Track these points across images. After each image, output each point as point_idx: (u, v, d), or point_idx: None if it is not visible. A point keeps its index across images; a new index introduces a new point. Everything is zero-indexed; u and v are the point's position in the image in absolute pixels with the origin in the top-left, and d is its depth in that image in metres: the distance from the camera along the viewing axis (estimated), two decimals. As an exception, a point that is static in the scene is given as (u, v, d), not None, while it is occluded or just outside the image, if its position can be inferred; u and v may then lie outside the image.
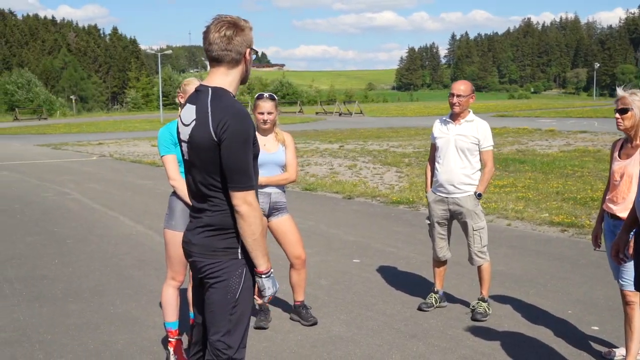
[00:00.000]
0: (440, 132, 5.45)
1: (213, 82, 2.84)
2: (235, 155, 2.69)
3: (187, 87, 4.49)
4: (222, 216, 2.80)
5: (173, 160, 4.44)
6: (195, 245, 2.89)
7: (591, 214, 10.07)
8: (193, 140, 2.80)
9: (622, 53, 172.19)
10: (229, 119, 2.68)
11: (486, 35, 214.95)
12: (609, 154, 17.00)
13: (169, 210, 4.52)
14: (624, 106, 4.11)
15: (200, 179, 2.83)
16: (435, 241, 5.55)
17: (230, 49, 2.79)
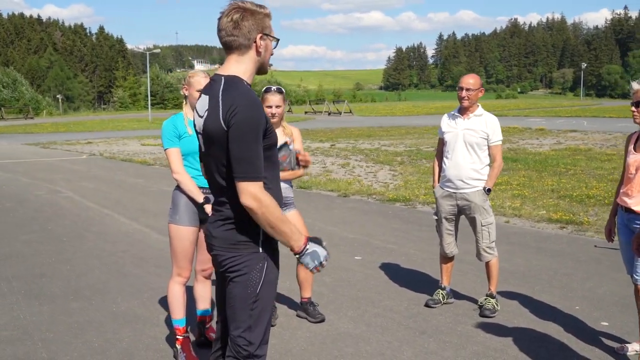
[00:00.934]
0: (448, 127, 5.40)
1: (227, 70, 2.76)
2: (241, 143, 2.59)
3: (192, 79, 4.41)
4: (241, 208, 2.71)
5: (177, 154, 4.36)
6: (215, 239, 2.81)
7: (588, 211, 10.09)
8: (207, 131, 2.72)
9: (607, 53, 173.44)
10: (238, 106, 2.59)
11: (473, 35, 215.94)
12: (600, 153, 17.12)
13: (172, 204, 4.44)
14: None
15: (217, 171, 2.76)
16: (443, 237, 5.50)
17: (237, 34, 2.70)
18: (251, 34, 2.72)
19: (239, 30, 2.70)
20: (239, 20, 2.70)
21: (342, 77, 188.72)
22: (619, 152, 18.83)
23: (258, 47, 2.75)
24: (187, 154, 4.36)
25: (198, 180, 4.36)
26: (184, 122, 4.41)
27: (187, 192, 4.30)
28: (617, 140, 23.43)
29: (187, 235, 4.34)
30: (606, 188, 12.15)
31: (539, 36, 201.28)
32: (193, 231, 4.37)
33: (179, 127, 4.37)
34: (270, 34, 2.79)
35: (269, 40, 2.80)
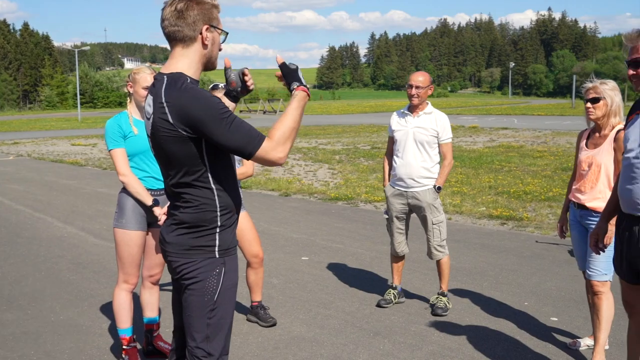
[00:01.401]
0: (398, 125, 5.34)
1: (170, 67, 2.59)
2: (226, 130, 2.42)
3: (137, 75, 4.20)
4: (196, 212, 2.58)
5: (122, 155, 4.14)
6: (169, 244, 2.65)
7: (526, 207, 10.28)
8: (155, 135, 2.56)
9: (533, 53, 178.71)
10: (189, 104, 2.42)
11: (404, 35, 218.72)
12: (532, 150, 17.57)
13: (118, 208, 4.22)
14: (596, 95, 4.11)
15: (169, 175, 2.62)
16: (394, 236, 5.44)
17: (181, 25, 2.53)
18: (196, 25, 2.55)
19: (184, 20, 2.53)
20: (184, 10, 2.52)
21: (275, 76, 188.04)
22: (549, 149, 19.40)
23: (204, 39, 2.57)
24: (134, 154, 4.15)
25: (146, 181, 4.16)
26: (128, 121, 4.19)
27: (134, 194, 4.09)
28: (547, 137, 24.14)
29: (134, 240, 4.13)
30: (541, 184, 12.44)
31: (467, 36, 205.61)
32: (141, 235, 4.16)
33: (124, 127, 4.15)
34: (217, 26, 2.62)
35: (217, 33, 2.63)
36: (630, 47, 3.19)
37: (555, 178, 13.34)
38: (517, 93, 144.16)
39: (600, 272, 4.10)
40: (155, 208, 4.08)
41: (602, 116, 4.13)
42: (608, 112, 4.12)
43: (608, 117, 4.12)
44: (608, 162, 4.10)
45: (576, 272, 6.41)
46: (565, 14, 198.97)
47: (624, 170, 3.32)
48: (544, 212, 9.78)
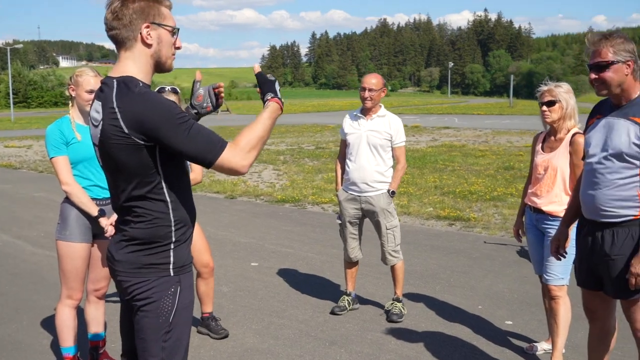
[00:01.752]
0: (351, 128, 5.24)
1: (118, 71, 2.41)
2: (185, 137, 2.25)
3: (79, 78, 3.96)
4: (149, 228, 2.40)
5: (64, 162, 3.90)
6: (119, 262, 2.46)
7: (472, 207, 10.36)
8: (104, 143, 2.37)
9: (470, 53, 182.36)
10: (144, 110, 2.25)
11: (345, 34, 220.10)
12: (474, 149, 17.76)
13: (60, 219, 3.97)
14: (552, 98, 4.09)
15: (119, 187, 2.42)
16: (347, 241, 5.34)
17: (118, 26, 2.36)
18: (134, 24, 2.36)
19: (120, 21, 2.36)
20: (119, 10, 2.35)
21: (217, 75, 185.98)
22: (490, 148, 19.71)
23: (144, 38, 2.38)
24: (77, 161, 3.91)
25: (91, 190, 3.93)
26: (71, 126, 3.95)
27: (78, 205, 3.85)
28: (487, 136, 24.56)
29: (78, 253, 3.89)
30: (485, 184, 12.58)
31: (407, 36, 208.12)
32: (85, 248, 3.93)
33: (66, 133, 3.90)
34: (162, 22, 2.41)
35: (164, 30, 2.42)
36: (593, 50, 3.16)
37: (499, 177, 13.53)
38: (455, 92, 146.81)
39: (558, 277, 4.09)
40: (101, 219, 3.85)
41: (558, 119, 4.11)
42: (563, 114, 4.11)
43: (564, 120, 4.11)
44: (564, 165, 4.09)
45: (526, 274, 6.47)
46: (501, 14, 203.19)
47: (585, 176, 3.30)
48: (490, 212, 9.86)
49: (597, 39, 3.16)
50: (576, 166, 4.02)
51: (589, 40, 3.20)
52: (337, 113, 51.42)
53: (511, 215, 9.49)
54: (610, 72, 3.10)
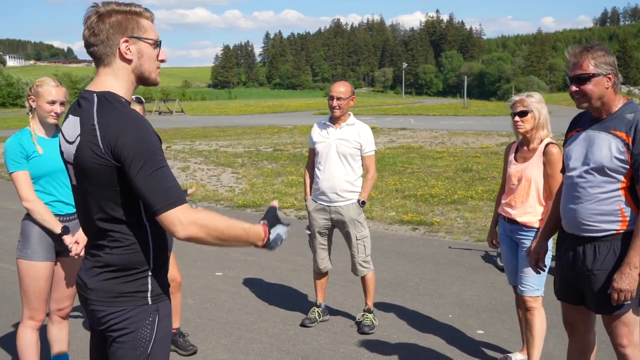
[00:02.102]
0: (319, 137, 5.14)
1: (98, 85, 2.27)
2: (147, 172, 2.11)
3: (39, 88, 3.78)
4: (125, 253, 2.26)
5: (25, 178, 3.70)
6: (93, 291, 2.30)
7: (434, 210, 10.39)
8: (80, 162, 2.22)
9: (423, 54, 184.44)
10: (122, 130, 2.12)
11: (299, 34, 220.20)
12: (431, 150, 17.80)
13: (22, 236, 3.78)
14: (524, 108, 4.07)
15: (93, 209, 2.26)
16: (317, 252, 5.24)
17: (96, 42, 2.24)
18: (111, 40, 2.23)
19: (97, 37, 2.23)
20: (94, 25, 2.22)
21: (169, 75, 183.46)
22: (447, 150, 19.85)
23: (123, 53, 2.25)
24: (39, 176, 3.72)
25: (54, 206, 3.75)
26: (31, 139, 3.76)
27: (40, 222, 3.66)
28: (444, 137, 24.76)
29: (41, 272, 3.70)
30: (445, 186, 12.64)
31: (360, 36, 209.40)
32: (48, 267, 3.74)
33: (26, 146, 3.71)
34: (142, 35, 2.28)
35: (145, 44, 2.29)
36: (573, 62, 3.12)
37: (458, 180, 13.61)
38: (409, 92, 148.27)
39: (533, 288, 4.07)
40: (65, 236, 3.68)
41: (531, 129, 4.09)
42: (536, 124, 4.09)
43: (536, 130, 4.09)
44: (538, 176, 4.07)
45: (493, 280, 6.48)
46: (453, 16, 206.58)
47: (566, 190, 3.27)
48: (452, 216, 9.90)
49: (578, 51, 3.12)
50: (550, 176, 4.01)
51: (569, 53, 3.17)
52: (293, 114, 51.36)
53: (473, 219, 9.55)
54: (591, 85, 3.07)
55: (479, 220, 9.52)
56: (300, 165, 16.62)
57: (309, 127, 31.84)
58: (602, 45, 3.16)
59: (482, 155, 18.16)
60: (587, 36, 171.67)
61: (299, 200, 11.48)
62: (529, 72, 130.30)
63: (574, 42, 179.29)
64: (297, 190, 12.63)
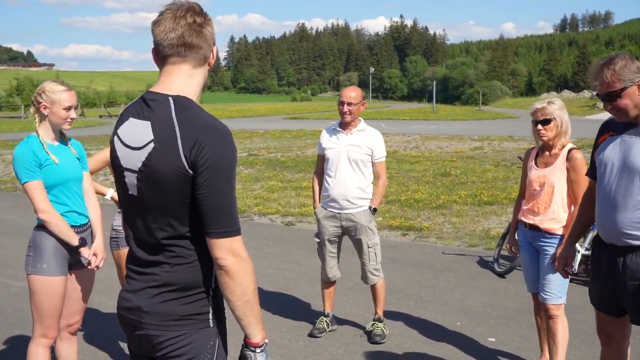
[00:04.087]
0: (329, 143, 5.03)
1: (171, 87, 2.11)
2: (220, 191, 2.01)
3: (53, 95, 3.55)
4: (188, 271, 2.10)
5: (40, 187, 3.50)
6: (149, 314, 2.11)
7: (420, 215, 10.35)
8: (151, 170, 2.04)
9: (388, 58, 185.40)
10: (208, 141, 1.98)
11: (264, 38, 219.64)
12: (406, 155, 17.81)
13: (33, 250, 3.56)
14: (547, 116, 4.01)
15: (157, 222, 2.09)
16: (326, 260, 5.12)
17: (201, 43, 2.10)
18: (209, 44, 2.14)
19: (204, 38, 2.11)
20: (203, 25, 2.10)
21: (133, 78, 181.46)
22: (423, 154, 19.91)
23: (212, 59, 2.18)
24: (52, 185, 3.53)
25: (68, 217, 3.57)
26: (42, 146, 3.57)
27: (57, 234, 3.48)
28: (417, 142, 24.85)
29: (57, 288, 3.52)
30: (427, 191, 12.63)
31: (325, 41, 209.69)
32: (63, 281, 3.56)
33: (39, 154, 3.52)
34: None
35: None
36: (599, 83, 3.05)
37: (439, 184, 13.62)
38: (376, 97, 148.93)
39: (556, 295, 4.02)
40: (82, 249, 3.51)
41: (554, 136, 4.05)
42: (559, 132, 4.04)
43: (559, 137, 4.05)
44: (561, 181, 4.02)
45: (493, 286, 6.45)
46: (417, 21, 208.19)
47: (603, 197, 3.20)
48: (439, 221, 9.87)
49: (597, 70, 3.03)
50: (574, 182, 3.96)
51: (592, 73, 3.08)
52: (262, 118, 51.17)
53: (461, 224, 9.53)
54: (623, 100, 3.00)
55: (466, 225, 9.51)
56: (277, 171, 16.49)
57: (280, 131, 31.72)
58: (621, 55, 3.08)
59: (458, 159, 18.24)
60: (548, 42, 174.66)
61: (283, 206, 11.35)
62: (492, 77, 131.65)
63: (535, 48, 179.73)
64: (279, 196, 12.50)
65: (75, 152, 3.73)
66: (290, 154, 20.80)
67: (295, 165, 17.60)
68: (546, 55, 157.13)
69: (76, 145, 3.80)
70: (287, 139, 26.91)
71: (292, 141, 25.20)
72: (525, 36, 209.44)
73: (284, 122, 43.66)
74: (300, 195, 12.56)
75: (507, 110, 68.67)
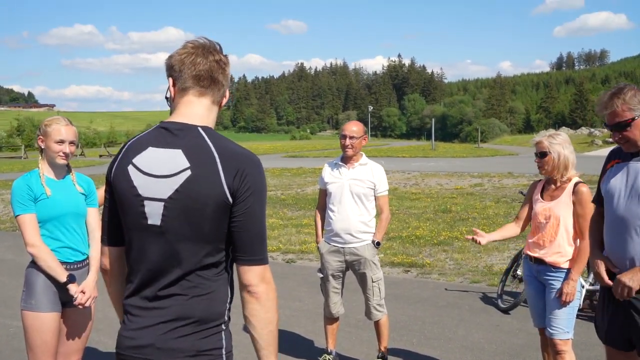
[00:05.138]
0: (331, 177, 5.03)
1: (192, 118, 2.10)
2: (258, 219, 2.05)
3: (48, 127, 3.62)
4: (207, 303, 2.05)
5: (32, 221, 3.49)
6: (163, 351, 2.03)
7: (422, 251, 10.29)
8: (184, 198, 2.00)
9: (386, 97, 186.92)
10: (250, 170, 2.02)
11: (263, 78, 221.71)
12: (407, 192, 17.75)
13: (26, 285, 3.56)
14: (542, 150, 4.02)
15: (184, 252, 2.02)
16: (330, 296, 5.07)
17: (222, 80, 2.16)
18: (226, 83, 2.19)
19: (226, 78, 2.18)
20: (226, 65, 2.17)
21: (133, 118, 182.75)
22: (423, 191, 19.89)
23: (224, 98, 2.21)
24: (46, 220, 3.52)
25: (60, 253, 3.54)
26: (40, 180, 3.56)
27: (45, 269, 3.45)
28: (417, 179, 24.87)
29: (48, 324, 3.47)
30: (429, 227, 12.58)
31: (324, 80, 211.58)
32: (55, 318, 3.52)
33: (35, 188, 3.51)
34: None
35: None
36: (607, 113, 3.06)
37: (439, 221, 13.57)
38: (375, 135, 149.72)
39: (563, 330, 3.96)
40: (70, 285, 3.47)
41: (552, 170, 4.03)
42: (556, 165, 4.01)
43: (558, 170, 4.02)
44: (567, 215, 4.00)
45: (497, 322, 6.37)
46: (414, 60, 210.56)
47: (612, 226, 3.17)
48: (441, 257, 9.81)
49: (607, 99, 3.06)
50: (580, 216, 3.94)
51: (601, 103, 3.10)
52: (262, 156, 51.17)
53: (463, 260, 9.47)
54: (633, 129, 3.01)
55: (469, 261, 9.45)
56: (278, 208, 16.46)
57: (280, 169, 31.76)
58: (629, 85, 3.11)
59: (459, 196, 18.22)
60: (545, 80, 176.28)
61: (284, 244, 11.30)
62: (490, 115, 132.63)
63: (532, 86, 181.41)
64: (280, 234, 12.45)
65: (81, 189, 3.70)
66: (290, 191, 20.80)
67: (295, 202, 17.57)
68: (543, 93, 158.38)
69: (84, 182, 3.78)
70: (287, 176, 26.94)
71: (292, 179, 25.23)
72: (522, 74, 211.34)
73: (283, 161, 43.77)
74: (301, 232, 12.51)
75: (506, 147, 69.01)
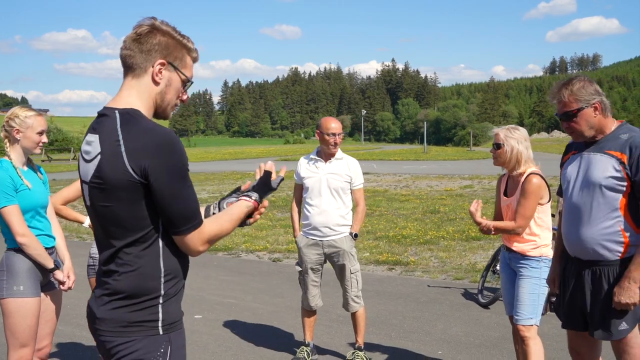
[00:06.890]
0: (308, 172, 5.10)
1: (119, 100, 2.20)
2: (176, 194, 2.09)
3: (28, 119, 3.68)
4: (135, 279, 2.16)
5: (18, 211, 3.55)
6: (101, 321, 2.19)
7: (407, 250, 10.37)
8: (100, 181, 2.13)
9: (380, 101, 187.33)
10: (152, 148, 2.06)
11: (257, 82, 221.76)
12: (396, 194, 17.91)
13: (7, 273, 3.58)
14: (497, 142, 4.11)
15: (109, 231, 2.17)
16: (308, 289, 5.14)
17: (134, 49, 2.18)
18: (151, 54, 2.19)
19: (139, 45, 2.18)
20: (143, 34, 2.18)
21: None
22: (413, 193, 20.00)
23: (154, 74, 2.20)
24: (26, 210, 3.59)
25: (42, 240, 3.61)
26: (16, 171, 3.62)
27: (35, 257, 3.52)
28: (408, 181, 24.98)
29: (33, 309, 3.55)
30: (416, 227, 12.68)
31: (318, 85, 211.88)
32: (39, 302, 3.60)
33: (15, 179, 3.57)
34: (179, 67, 2.25)
35: (177, 76, 2.25)
36: (557, 101, 3.17)
37: (427, 221, 13.67)
38: (368, 139, 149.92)
39: (526, 316, 4.02)
40: (57, 271, 3.54)
41: (504, 162, 4.11)
42: (509, 158, 4.09)
43: (510, 163, 4.10)
44: None
45: (477, 316, 6.46)
46: (408, 64, 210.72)
47: (567, 213, 3.28)
48: (426, 256, 9.89)
49: (557, 90, 3.18)
50: (519, 204, 3.99)
51: (551, 93, 3.22)
52: (255, 160, 51.25)
53: (448, 259, 9.56)
54: (579, 119, 3.13)
55: (453, 259, 9.54)
56: (267, 210, 16.50)
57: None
58: (580, 77, 3.22)
59: (448, 197, 18.33)
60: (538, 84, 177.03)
61: (271, 243, 11.37)
62: (484, 119, 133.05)
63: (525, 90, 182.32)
64: (268, 234, 12.53)
65: (42, 177, 3.82)
66: (281, 193, 20.85)
67: (285, 204, 17.64)
68: (536, 97, 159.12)
69: (40, 170, 3.89)
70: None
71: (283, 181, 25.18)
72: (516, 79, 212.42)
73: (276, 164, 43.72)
74: (289, 232, 12.57)
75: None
